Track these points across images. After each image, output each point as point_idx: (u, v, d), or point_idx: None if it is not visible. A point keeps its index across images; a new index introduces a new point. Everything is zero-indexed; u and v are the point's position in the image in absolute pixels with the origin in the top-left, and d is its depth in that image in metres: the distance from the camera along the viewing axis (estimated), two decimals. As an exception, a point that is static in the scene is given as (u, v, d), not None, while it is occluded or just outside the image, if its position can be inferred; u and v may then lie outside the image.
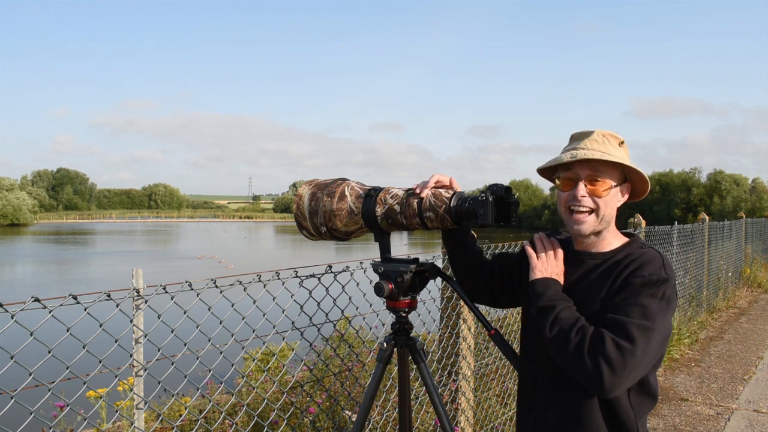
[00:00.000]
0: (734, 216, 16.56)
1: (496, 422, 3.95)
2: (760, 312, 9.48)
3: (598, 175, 1.59)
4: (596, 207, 1.60)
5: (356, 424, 1.91)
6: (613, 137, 1.62)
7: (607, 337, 1.44)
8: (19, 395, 1.73)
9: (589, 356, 1.44)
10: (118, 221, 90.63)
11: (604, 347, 1.43)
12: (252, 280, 2.20)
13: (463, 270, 1.93)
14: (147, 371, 2.36)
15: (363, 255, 6.50)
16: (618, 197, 1.64)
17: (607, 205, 1.61)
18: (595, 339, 1.46)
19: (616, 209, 1.65)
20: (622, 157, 1.61)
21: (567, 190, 1.63)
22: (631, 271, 1.54)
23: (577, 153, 1.59)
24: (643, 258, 1.57)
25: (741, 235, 12.14)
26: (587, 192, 1.60)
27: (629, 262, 1.57)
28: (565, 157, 1.61)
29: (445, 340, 3.57)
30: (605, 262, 1.62)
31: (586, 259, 1.67)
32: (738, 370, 6.24)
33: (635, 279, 1.52)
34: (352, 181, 1.94)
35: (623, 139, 1.64)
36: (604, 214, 1.61)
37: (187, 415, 3.30)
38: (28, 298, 1.66)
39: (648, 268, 1.53)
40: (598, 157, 1.57)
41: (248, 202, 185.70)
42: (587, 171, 1.60)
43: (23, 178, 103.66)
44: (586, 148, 1.60)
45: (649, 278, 1.51)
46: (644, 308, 1.48)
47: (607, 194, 1.60)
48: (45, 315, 1.72)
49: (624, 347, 1.43)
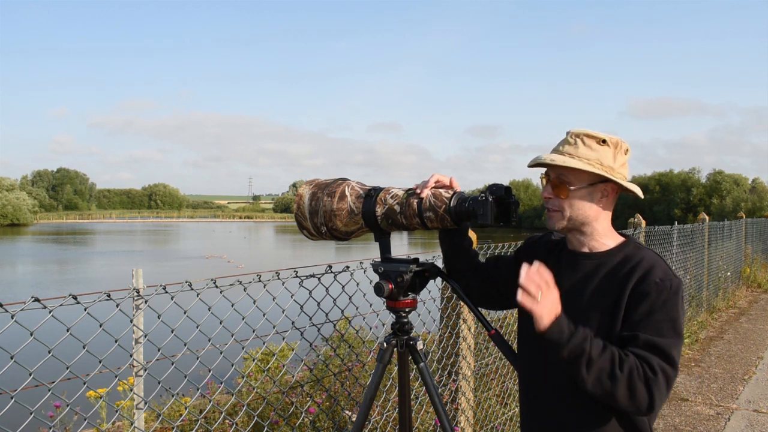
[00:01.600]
0: (734, 216, 16.56)
1: (496, 422, 3.95)
2: (760, 312, 9.48)
3: (562, 177, 1.61)
4: (561, 208, 1.62)
5: (356, 424, 1.91)
6: (589, 137, 1.59)
7: (655, 365, 1.45)
8: (19, 395, 1.73)
9: (644, 388, 1.44)
10: (118, 221, 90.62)
11: (656, 377, 1.44)
12: (252, 280, 2.20)
13: (459, 272, 1.93)
14: (147, 371, 2.36)
15: (363, 255, 6.50)
16: (591, 198, 1.61)
17: (573, 206, 1.61)
18: (644, 369, 1.45)
19: (601, 209, 1.63)
20: (596, 158, 1.57)
21: (543, 188, 1.67)
22: (641, 278, 1.54)
23: (540, 156, 1.63)
24: (645, 261, 1.57)
25: (741, 235, 12.14)
26: (551, 193, 1.63)
27: (632, 266, 1.57)
28: (532, 159, 1.65)
29: (445, 340, 3.57)
30: (602, 264, 1.62)
31: (581, 260, 1.66)
32: (738, 370, 6.24)
33: (650, 288, 1.51)
34: (352, 181, 1.95)
35: (605, 137, 1.60)
36: (570, 215, 1.62)
37: (187, 415, 3.30)
38: (28, 298, 1.66)
39: (657, 273, 1.54)
40: (549, 161, 1.59)
41: (248, 202, 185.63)
42: (553, 173, 1.63)
43: (23, 178, 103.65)
44: (557, 151, 1.63)
45: (663, 284, 1.51)
46: (673, 322, 1.50)
47: (567, 196, 1.61)
48: (45, 315, 1.72)
49: (668, 372, 1.46)
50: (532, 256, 1.81)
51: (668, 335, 1.48)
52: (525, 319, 1.79)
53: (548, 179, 1.65)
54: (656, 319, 1.49)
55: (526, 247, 1.86)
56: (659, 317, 1.49)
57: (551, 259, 1.75)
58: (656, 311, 1.50)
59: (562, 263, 1.70)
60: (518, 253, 1.88)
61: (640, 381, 1.44)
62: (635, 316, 1.52)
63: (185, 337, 2.12)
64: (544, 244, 1.82)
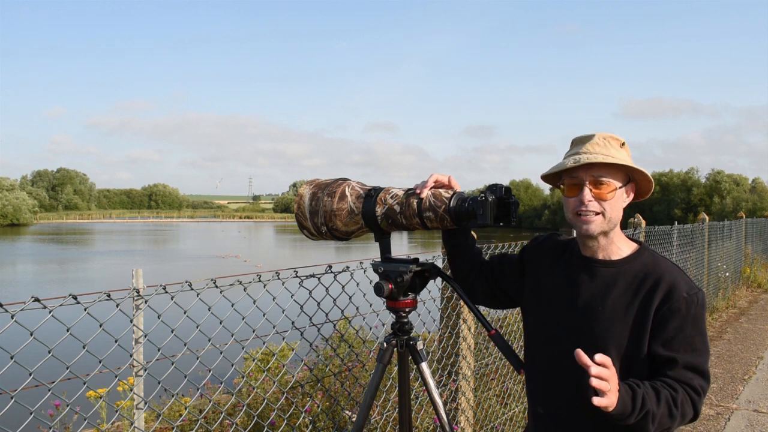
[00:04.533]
0: (734, 216, 16.56)
1: (496, 422, 3.95)
2: (760, 312, 9.48)
3: (601, 178, 1.59)
4: (602, 210, 1.60)
5: (356, 424, 1.91)
6: (614, 139, 1.62)
7: (697, 385, 1.53)
8: (19, 395, 1.73)
9: (692, 409, 1.53)
10: (118, 221, 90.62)
11: (700, 397, 1.53)
12: (252, 280, 2.20)
13: (463, 271, 1.92)
14: (147, 371, 2.36)
15: (363, 255, 6.50)
16: (623, 198, 1.64)
17: (613, 207, 1.61)
18: (690, 393, 1.52)
19: (622, 210, 1.65)
20: (625, 159, 1.61)
21: (573, 195, 1.63)
22: (668, 295, 1.56)
23: (580, 158, 1.59)
24: (668, 275, 1.59)
25: (741, 235, 12.13)
26: (593, 196, 1.60)
27: (655, 281, 1.58)
28: (568, 162, 1.60)
29: (445, 340, 3.57)
30: (620, 273, 1.62)
31: (598, 268, 1.65)
32: (738, 370, 6.24)
33: (680, 304, 1.55)
34: (352, 181, 1.95)
35: (624, 141, 1.64)
36: (611, 217, 1.61)
37: (187, 415, 3.30)
38: (28, 298, 1.66)
39: (683, 287, 1.57)
40: (601, 160, 1.57)
41: (248, 202, 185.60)
42: (591, 175, 1.60)
43: (23, 178, 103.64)
44: (588, 152, 1.60)
45: (690, 299, 1.55)
46: (703, 335, 1.57)
47: (612, 197, 1.60)
48: (45, 315, 1.72)
49: (706, 387, 1.56)
50: (538, 256, 1.81)
51: (701, 350, 1.55)
52: (537, 324, 1.76)
53: (581, 183, 1.60)
54: (688, 334, 1.55)
55: (532, 247, 1.85)
56: (690, 332, 1.55)
57: (561, 262, 1.74)
58: (687, 327, 1.55)
59: (576, 268, 1.69)
60: (523, 252, 1.87)
61: (688, 406, 1.52)
62: (667, 333, 1.55)
63: (185, 337, 2.12)
64: (550, 244, 1.81)
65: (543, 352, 1.74)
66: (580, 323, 1.63)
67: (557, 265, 1.74)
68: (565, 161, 1.63)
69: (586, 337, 1.60)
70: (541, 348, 1.75)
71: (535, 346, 1.77)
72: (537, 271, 1.78)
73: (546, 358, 1.72)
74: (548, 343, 1.71)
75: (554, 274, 1.73)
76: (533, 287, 1.78)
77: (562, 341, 1.65)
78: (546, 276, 1.75)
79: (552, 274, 1.74)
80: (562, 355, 1.62)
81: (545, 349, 1.73)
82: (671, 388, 1.51)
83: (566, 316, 1.66)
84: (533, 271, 1.80)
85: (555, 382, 1.68)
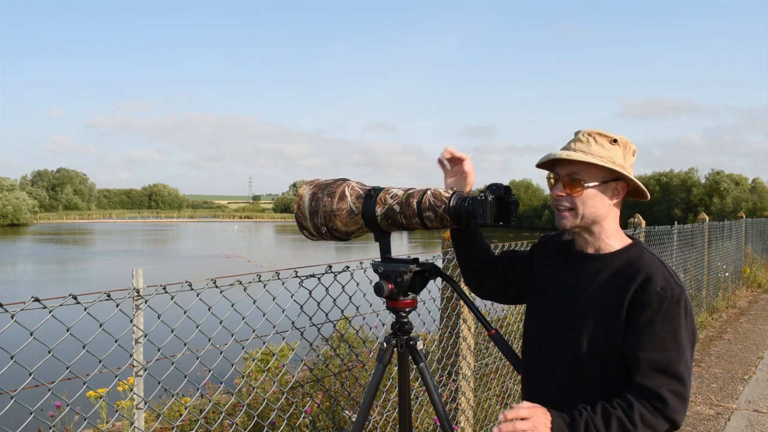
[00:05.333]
0: (734, 216, 16.55)
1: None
2: (760, 312, 9.48)
3: (574, 175, 1.60)
4: (574, 206, 1.60)
5: (356, 425, 1.91)
6: (601, 136, 1.60)
7: (664, 392, 1.45)
8: (19, 395, 1.73)
9: (662, 419, 1.46)
10: (118, 221, 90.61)
11: (667, 405, 1.45)
12: (252, 280, 2.20)
13: (472, 267, 1.93)
14: (147, 371, 2.36)
15: (363, 255, 6.50)
16: (603, 197, 1.61)
17: (586, 204, 1.60)
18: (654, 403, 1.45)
19: (612, 208, 1.64)
20: (608, 157, 1.58)
21: (551, 188, 1.66)
22: (642, 286, 1.52)
23: (554, 153, 1.62)
24: (646, 267, 1.56)
25: (741, 235, 12.13)
26: (565, 192, 1.61)
27: (634, 272, 1.56)
28: (543, 157, 1.64)
29: (445, 340, 3.57)
30: (606, 266, 1.62)
31: (586, 262, 1.67)
32: (738, 370, 6.24)
33: (651, 297, 1.50)
34: (352, 181, 1.95)
35: (616, 138, 1.61)
36: (583, 213, 1.60)
37: (187, 415, 3.30)
38: (28, 298, 1.66)
39: (658, 281, 1.52)
40: (565, 156, 1.58)
41: (248, 202, 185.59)
42: (565, 171, 1.61)
43: (23, 178, 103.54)
44: (568, 149, 1.62)
45: (664, 293, 1.50)
46: (675, 333, 1.49)
47: (581, 194, 1.59)
48: (45, 315, 1.72)
49: (678, 390, 1.46)
50: (542, 256, 1.83)
51: (671, 348, 1.48)
52: (530, 322, 1.79)
53: (557, 178, 1.63)
54: (657, 330, 1.49)
55: (539, 247, 1.87)
56: (660, 328, 1.49)
57: (560, 260, 1.75)
58: (657, 322, 1.49)
59: (569, 264, 1.71)
60: (533, 250, 1.89)
61: (654, 417, 1.45)
62: (637, 327, 1.51)
63: (185, 337, 2.12)
64: (555, 243, 1.82)
65: (534, 350, 1.76)
66: (563, 319, 1.65)
67: (556, 264, 1.76)
68: (546, 155, 1.65)
69: (566, 333, 1.62)
70: (532, 345, 1.77)
71: (528, 344, 1.80)
72: (540, 270, 1.80)
73: (536, 355, 1.74)
74: (538, 341, 1.73)
75: (551, 273, 1.75)
76: (534, 286, 1.80)
77: (548, 338, 1.68)
78: (546, 276, 1.77)
79: (550, 274, 1.75)
80: (549, 351, 1.65)
81: (535, 347, 1.74)
82: (627, 406, 1.46)
83: (553, 312, 1.69)
84: (537, 271, 1.81)
85: (545, 381, 1.69)
